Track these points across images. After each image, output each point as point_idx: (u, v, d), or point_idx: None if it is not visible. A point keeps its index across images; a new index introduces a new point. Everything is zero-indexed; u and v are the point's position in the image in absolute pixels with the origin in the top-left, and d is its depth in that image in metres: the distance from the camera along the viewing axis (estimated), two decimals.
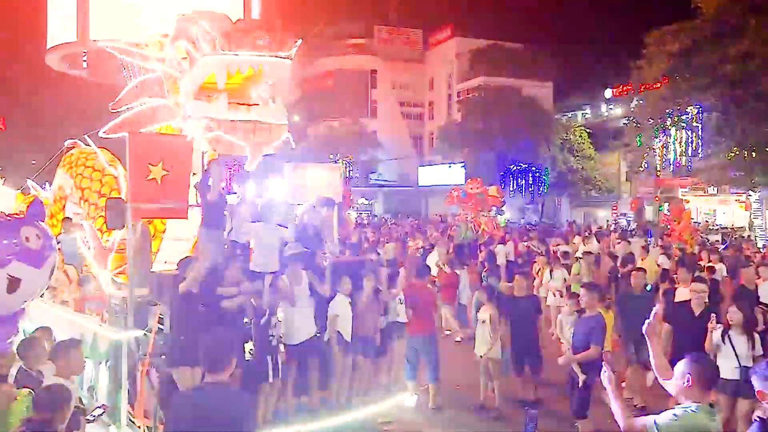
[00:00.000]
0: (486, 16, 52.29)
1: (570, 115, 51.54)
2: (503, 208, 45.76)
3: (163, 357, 6.39)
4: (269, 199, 7.50)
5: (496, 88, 45.87)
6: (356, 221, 31.08)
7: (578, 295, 7.50)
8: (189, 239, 8.12)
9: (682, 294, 8.79)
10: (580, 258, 12.69)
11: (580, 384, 6.92)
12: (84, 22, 9.65)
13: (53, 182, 9.96)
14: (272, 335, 6.54)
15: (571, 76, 50.18)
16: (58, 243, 7.96)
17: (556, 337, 9.19)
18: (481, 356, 8.62)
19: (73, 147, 9.42)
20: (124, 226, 6.95)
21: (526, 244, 18.43)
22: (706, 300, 7.86)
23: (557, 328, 8.69)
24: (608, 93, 46.61)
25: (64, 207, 9.51)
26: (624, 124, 33.45)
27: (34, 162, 22.41)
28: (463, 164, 46.34)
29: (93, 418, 5.28)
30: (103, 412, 5.72)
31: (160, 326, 6.61)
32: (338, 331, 7.03)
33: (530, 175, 44.84)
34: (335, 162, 49.47)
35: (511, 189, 44.20)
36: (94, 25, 9.40)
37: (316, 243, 7.53)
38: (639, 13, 57.57)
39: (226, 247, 7.24)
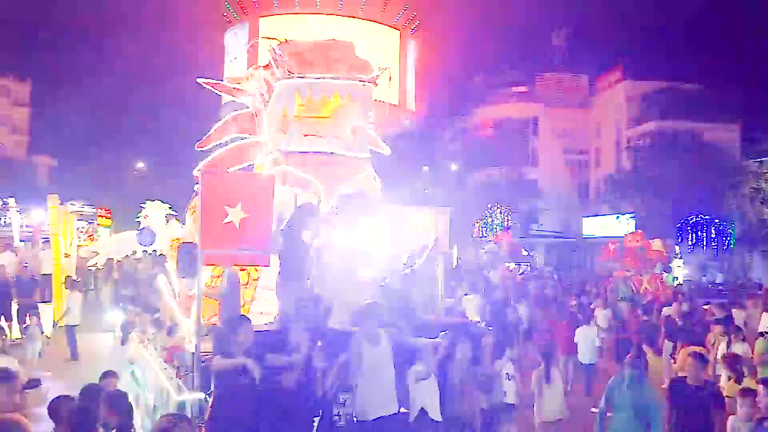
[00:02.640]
0: (659, 55, 48.25)
1: (762, 161, 45.39)
2: (680, 263, 41.24)
3: None
4: (359, 245, 6.37)
5: (672, 133, 42.04)
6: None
7: (755, 394, 5.34)
8: None
9: None
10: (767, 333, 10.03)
11: None
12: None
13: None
14: (338, 414, 5.39)
15: (762, 117, 44.37)
16: None
17: None
18: None
19: None
20: (195, 274, 6.30)
21: (705, 307, 15.60)
22: None
23: None
24: None
25: None
26: None
27: None
28: (633, 215, 42.51)
29: None
30: None
31: None
32: (423, 408, 5.70)
33: (713, 227, 39.78)
34: (491, 211, 48.08)
35: (690, 243, 39.49)
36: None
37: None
38: None
39: (304, 303, 6.27)
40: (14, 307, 14.18)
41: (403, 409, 5.93)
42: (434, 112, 52.06)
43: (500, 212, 48.39)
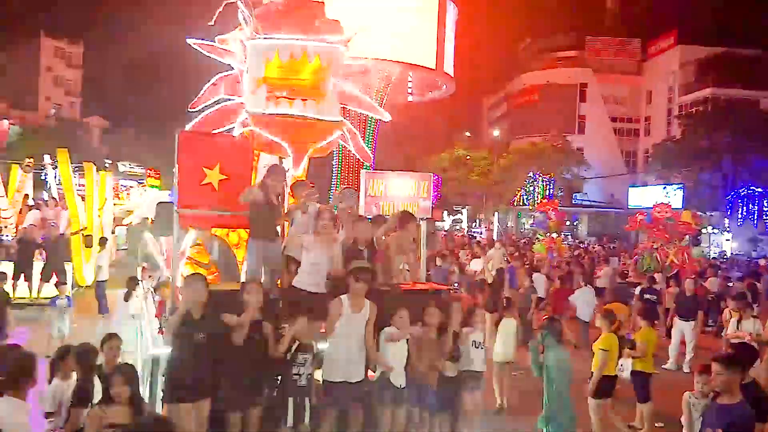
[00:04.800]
0: (717, 19, 45.68)
1: None
2: (728, 236, 39.73)
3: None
4: (322, 206, 6.33)
5: (727, 101, 40.17)
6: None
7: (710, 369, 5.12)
8: None
9: None
10: None
11: None
12: None
13: None
14: (298, 374, 5.45)
15: None
16: None
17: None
18: None
19: None
20: (171, 234, 6.40)
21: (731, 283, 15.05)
22: None
23: (683, 413, 6.15)
24: None
25: None
26: None
27: None
28: (681, 185, 41.06)
29: None
30: None
31: None
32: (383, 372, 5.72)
33: (765, 200, 38.11)
34: (534, 179, 47.20)
35: (740, 216, 38.01)
36: None
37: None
38: None
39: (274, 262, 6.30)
40: (39, 266, 14.59)
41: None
42: (477, 77, 51.05)
43: (543, 180, 47.51)
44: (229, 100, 7.21)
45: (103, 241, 15.83)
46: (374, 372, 5.90)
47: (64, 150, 17.02)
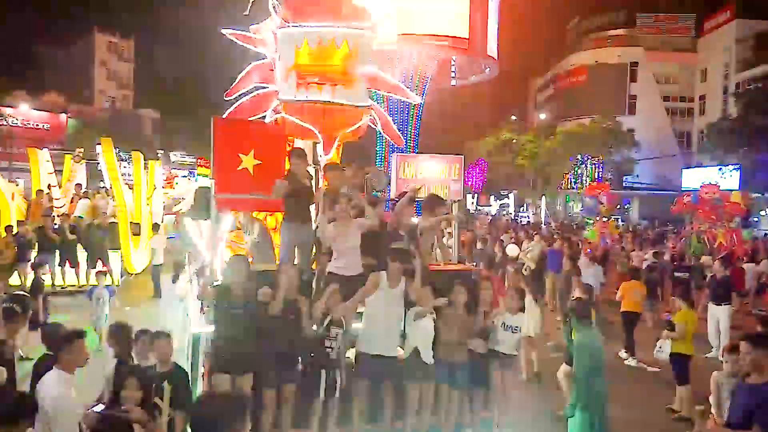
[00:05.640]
0: None
1: None
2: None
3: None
4: (351, 190, 6.46)
5: None
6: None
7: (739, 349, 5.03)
8: None
9: None
10: None
11: None
12: None
13: None
14: (330, 347, 5.65)
15: None
16: None
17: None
18: None
19: None
20: (208, 217, 6.66)
21: None
22: None
23: (712, 392, 5.90)
24: None
25: None
26: None
27: None
28: (737, 166, 39.64)
29: None
30: None
31: None
32: (416, 348, 5.86)
33: None
34: (582, 162, 46.31)
35: None
36: None
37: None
38: None
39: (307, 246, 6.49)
40: (84, 254, 15.10)
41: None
42: (524, 59, 50.21)
43: (591, 163, 46.60)
44: (263, 88, 7.41)
45: (156, 227, 16.41)
46: (403, 349, 6.06)
47: (108, 139, 17.25)
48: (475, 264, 13.23)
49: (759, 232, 33.85)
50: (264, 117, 7.00)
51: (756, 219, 40.29)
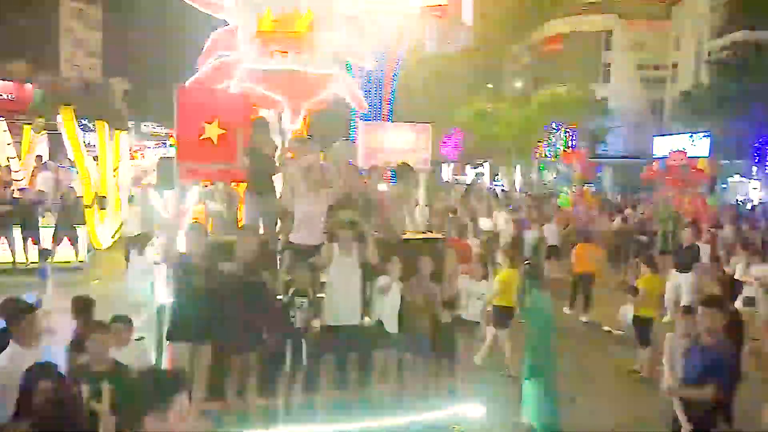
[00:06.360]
0: None
1: None
2: (756, 185, 38.86)
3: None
4: (313, 160, 6.40)
5: (758, 45, 38.67)
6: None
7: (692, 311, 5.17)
8: None
9: None
10: None
11: None
12: None
13: None
14: (294, 316, 5.67)
15: None
16: None
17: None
18: None
19: None
20: (172, 187, 6.59)
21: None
22: None
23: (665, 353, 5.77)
24: None
25: None
26: None
27: None
28: (707, 134, 40.15)
29: None
30: None
31: None
32: (379, 320, 5.90)
33: None
34: (557, 130, 46.50)
35: None
36: None
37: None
38: None
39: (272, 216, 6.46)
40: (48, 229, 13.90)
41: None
42: (498, 26, 49.78)
43: (565, 132, 46.81)
44: (227, 56, 7.28)
45: (131, 198, 16.02)
46: (369, 318, 6.10)
47: (69, 107, 15.94)
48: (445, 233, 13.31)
49: (726, 199, 34.53)
50: (229, 86, 6.89)
51: (724, 186, 41.05)
